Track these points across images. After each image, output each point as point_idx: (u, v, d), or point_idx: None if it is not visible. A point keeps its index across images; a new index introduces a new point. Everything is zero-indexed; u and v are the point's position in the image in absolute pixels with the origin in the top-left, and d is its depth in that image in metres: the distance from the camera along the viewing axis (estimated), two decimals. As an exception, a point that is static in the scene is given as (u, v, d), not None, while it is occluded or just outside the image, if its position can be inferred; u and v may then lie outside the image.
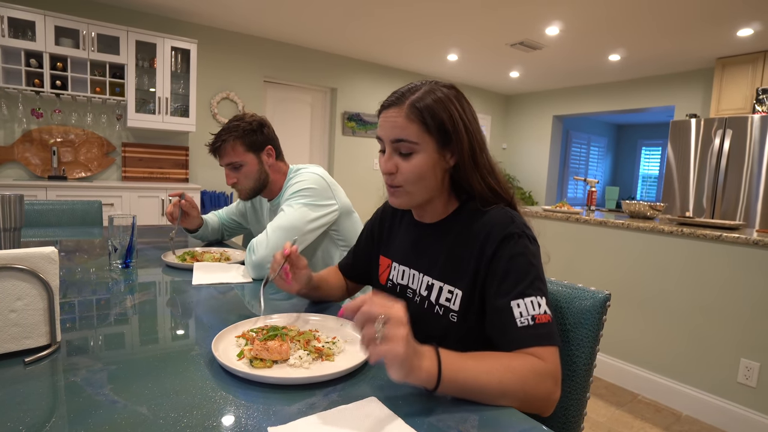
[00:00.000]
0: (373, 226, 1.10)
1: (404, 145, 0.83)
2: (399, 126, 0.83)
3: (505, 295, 0.76)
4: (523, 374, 0.66)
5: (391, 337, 0.58)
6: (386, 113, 0.85)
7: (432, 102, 0.82)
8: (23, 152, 3.48)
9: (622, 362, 2.48)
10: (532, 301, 0.74)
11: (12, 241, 1.15)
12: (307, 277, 0.99)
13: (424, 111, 0.82)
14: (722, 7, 3.15)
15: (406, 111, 0.82)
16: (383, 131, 0.86)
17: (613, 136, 8.64)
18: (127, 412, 0.56)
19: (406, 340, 0.58)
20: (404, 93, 0.85)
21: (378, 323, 0.58)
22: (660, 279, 2.32)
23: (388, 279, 1.00)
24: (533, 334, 0.72)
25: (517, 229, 0.81)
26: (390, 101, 0.86)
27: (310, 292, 1.04)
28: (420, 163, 0.83)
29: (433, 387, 0.62)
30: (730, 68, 4.14)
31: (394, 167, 0.85)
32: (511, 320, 0.73)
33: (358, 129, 5.32)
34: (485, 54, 4.73)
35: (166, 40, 3.70)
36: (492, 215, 0.84)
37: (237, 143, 1.48)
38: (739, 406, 2.04)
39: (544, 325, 0.73)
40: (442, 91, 0.84)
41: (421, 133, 0.82)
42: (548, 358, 0.70)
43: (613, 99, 5.60)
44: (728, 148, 3.65)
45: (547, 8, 3.37)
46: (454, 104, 0.84)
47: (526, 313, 0.73)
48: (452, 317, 0.84)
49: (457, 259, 0.85)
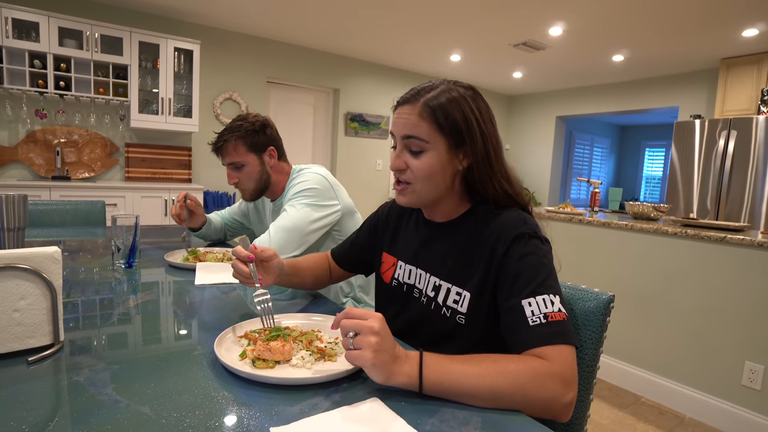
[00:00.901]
0: (378, 219, 1.09)
1: (414, 143, 0.83)
2: (411, 123, 0.83)
3: (516, 295, 0.75)
4: (518, 378, 0.64)
5: (361, 345, 0.63)
6: (400, 110, 0.85)
7: (446, 101, 0.82)
8: (27, 153, 3.50)
9: (625, 364, 2.47)
10: (545, 299, 0.72)
11: (16, 241, 1.15)
12: (278, 266, 0.97)
13: (437, 110, 0.81)
14: (727, 8, 3.14)
15: (419, 109, 0.82)
16: (395, 127, 0.86)
17: (616, 137, 8.61)
18: (130, 412, 0.56)
19: (374, 348, 0.62)
20: (420, 91, 0.84)
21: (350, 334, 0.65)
22: (664, 281, 2.31)
23: (393, 277, 0.99)
24: (546, 332, 0.70)
25: (528, 229, 0.80)
26: (405, 98, 0.85)
27: (285, 279, 1.02)
28: (429, 162, 0.83)
29: (417, 390, 0.64)
30: (734, 69, 4.12)
31: (404, 164, 0.85)
32: (523, 319, 0.72)
33: (361, 130, 5.33)
34: (488, 54, 4.73)
35: (170, 41, 3.71)
36: (504, 217, 0.83)
37: (239, 143, 1.48)
38: (744, 409, 2.02)
39: (558, 323, 0.70)
40: (458, 91, 0.84)
41: (432, 131, 0.82)
42: (556, 358, 0.67)
43: (617, 100, 5.58)
44: (733, 149, 3.64)
45: (551, 9, 3.36)
46: (469, 105, 0.83)
47: (538, 311, 0.71)
48: (460, 319, 0.83)
49: (467, 261, 0.84)
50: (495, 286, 0.80)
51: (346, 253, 1.15)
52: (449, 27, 3.91)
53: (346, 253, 1.15)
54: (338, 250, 1.17)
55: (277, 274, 0.98)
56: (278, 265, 0.97)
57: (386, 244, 1.04)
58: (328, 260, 1.17)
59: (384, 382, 0.63)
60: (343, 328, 0.65)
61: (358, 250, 1.12)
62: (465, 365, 0.65)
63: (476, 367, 0.65)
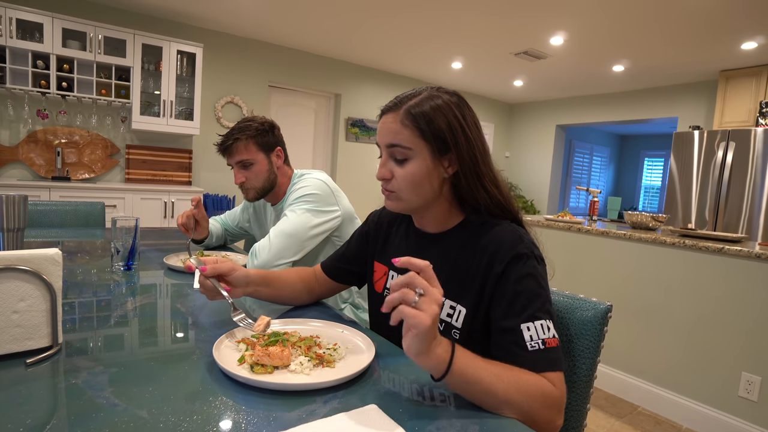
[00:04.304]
0: (368, 229, 1.07)
1: (398, 151, 0.83)
2: (393, 131, 0.82)
3: (514, 317, 0.74)
4: (531, 391, 0.65)
5: (425, 309, 0.58)
6: (384, 118, 0.85)
7: (429, 109, 0.81)
8: (28, 153, 3.50)
9: (622, 373, 2.47)
10: (542, 325, 0.73)
11: (15, 242, 1.15)
12: (243, 278, 0.93)
13: (419, 117, 0.81)
14: (726, 20, 3.16)
15: (401, 116, 0.82)
16: (379, 136, 0.86)
17: (616, 147, 8.65)
18: (128, 416, 0.56)
19: (432, 317, 0.58)
20: (402, 99, 0.84)
21: (417, 292, 0.59)
22: (662, 291, 2.32)
23: (385, 287, 0.98)
24: (544, 358, 0.71)
25: (526, 249, 0.79)
26: (388, 107, 0.85)
27: (255, 291, 0.97)
28: (414, 169, 0.82)
29: (439, 375, 0.62)
30: (733, 81, 4.15)
31: (389, 173, 0.85)
32: (522, 343, 0.72)
33: (362, 135, 5.34)
34: (489, 62, 4.75)
35: (172, 44, 3.73)
36: (499, 232, 0.82)
37: (250, 142, 1.49)
38: (740, 420, 2.02)
39: (554, 349, 0.72)
40: (442, 98, 0.83)
41: (415, 138, 0.81)
42: (558, 385, 0.69)
43: (617, 109, 5.61)
44: (731, 160, 3.66)
45: (552, 18, 3.39)
46: (453, 111, 0.82)
47: (536, 336, 0.72)
48: (455, 334, 0.83)
49: (462, 275, 0.83)
50: (489, 303, 0.79)
51: (335, 264, 1.11)
52: (451, 34, 3.94)
53: (336, 264, 1.10)
54: (327, 261, 1.13)
55: (244, 285, 0.93)
56: (242, 277, 0.93)
57: (377, 253, 1.02)
58: (315, 273, 1.12)
59: (416, 355, 0.60)
60: (413, 283, 0.60)
61: (348, 260, 1.09)
62: (487, 363, 0.66)
63: (497, 368, 0.66)
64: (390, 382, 0.72)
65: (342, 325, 0.91)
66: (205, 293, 0.90)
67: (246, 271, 0.94)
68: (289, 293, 1.04)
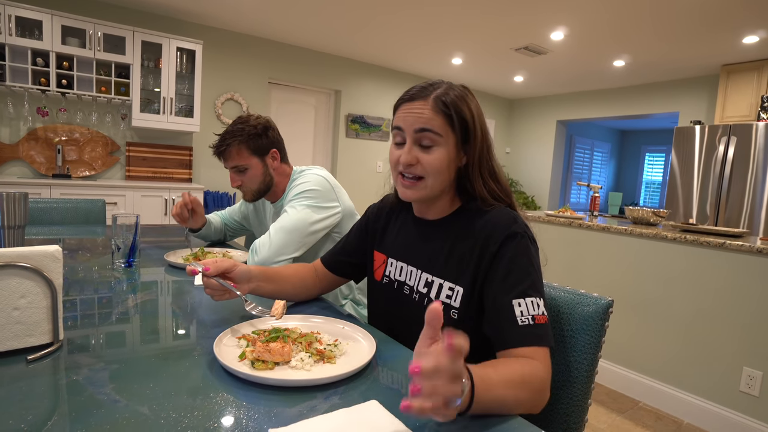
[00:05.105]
0: (367, 222, 1.08)
1: (428, 136, 0.84)
2: (425, 117, 0.83)
3: (506, 293, 0.77)
4: (532, 384, 0.67)
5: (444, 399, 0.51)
6: (410, 105, 0.86)
7: (455, 98, 0.84)
8: (28, 150, 3.50)
9: (623, 369, 2.47)
10: (533, 302, 0.76)
11: (16, 239, 1.15)
12: (244, 274, 0.93)
13: (450, 105, 0.83)
14: (727, 14, 3.15)
15: (432, 103, 0.84)
16: (406, 122, 0.85)
17: (616, 142, 8.62)
18: (129, 412, 0.56)
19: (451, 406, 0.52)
20: (426, 87, 0.86)
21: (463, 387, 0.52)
22: (663, 286, 2.31)
23: (384, 275, 0.99)
24: (533, 333, 0.73)
25: (519, 229, 0.82)
26: (412, 94, 0.86)
27: (258, 287, 0.97)
28: (441, 156, 0.84)
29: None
30: (735, 75, 4.13)
31: (415, 159, 0.85)
32: (512, 318, 0.75)
33: (362, 131, 5.33)
34: (490, 58, 4.74)
35: (172, 41, 3.72)
36: (495, 214, 0.85)
37: (242, 147, 1.47)
38: (742, 415, 2.02)
39: (542, 326, 0.75)
40: (458, 89, 0.87)
41: (445, 126, 0.84)
42: (544, 360, 0.72)
43: (617, 104, 5.59)
44: (732, 155, 3.64)
45: (552, 13, 3.37)
46: (473, 103, 0.87)
47: (527, 312, 0.75)
48: (453, 314, 0.84)
49: (459, 257, 0.86)
50: (484, 281, 0.82)
51: (335, 257, 1.12)
52: (451, 30, 3.92)
53: (336, 257, 1.12)
54: (327, 255, 1.14)
55: (246, 281, 0.94)
56: (244, 273, 0.93)
57: (376, 242, 1.04)
58: (315, 268, 1.13)
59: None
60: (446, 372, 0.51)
61: (348, 253, 1.10)
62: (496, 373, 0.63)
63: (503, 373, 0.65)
64: (390, 378, 0.72)
65: (343, 321, 0.92)
66: (211, 294, 0.91)
67: (247, 267, 0.95)
68: (290, 288, 1.05)
